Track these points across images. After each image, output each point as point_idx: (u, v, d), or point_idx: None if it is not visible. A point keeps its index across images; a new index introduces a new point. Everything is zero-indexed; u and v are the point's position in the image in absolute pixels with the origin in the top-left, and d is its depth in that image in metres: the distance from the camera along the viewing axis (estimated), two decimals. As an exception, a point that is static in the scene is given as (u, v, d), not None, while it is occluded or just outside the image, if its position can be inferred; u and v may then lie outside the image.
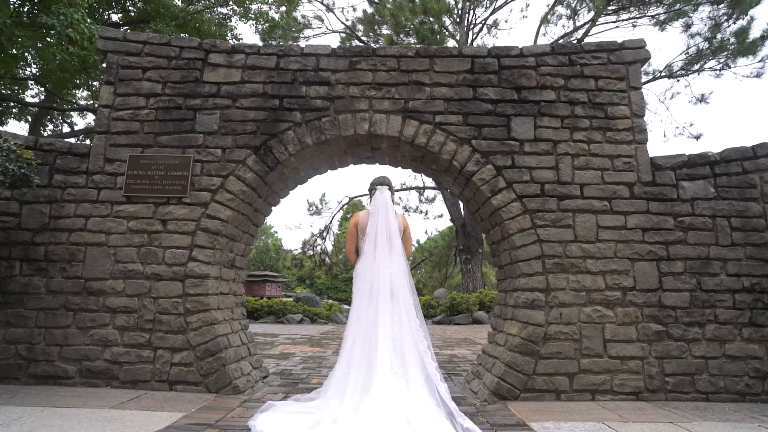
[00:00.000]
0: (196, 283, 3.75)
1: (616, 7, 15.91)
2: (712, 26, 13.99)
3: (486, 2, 18.06)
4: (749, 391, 3.60)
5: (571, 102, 4.10)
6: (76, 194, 3.95)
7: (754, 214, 3.93)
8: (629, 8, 15.87)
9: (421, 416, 2.64)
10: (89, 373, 3.64)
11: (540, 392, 3.58)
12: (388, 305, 3.23)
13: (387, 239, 3.43)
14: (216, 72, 4.19)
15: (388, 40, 15.12)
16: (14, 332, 3.71)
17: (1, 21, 6.01)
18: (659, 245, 3.85)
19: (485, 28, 18.85)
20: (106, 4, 9.68)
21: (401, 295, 3.30)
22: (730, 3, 13.08)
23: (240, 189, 3.93)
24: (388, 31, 16.84)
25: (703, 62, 15.15)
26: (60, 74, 8.82)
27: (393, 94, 4.10)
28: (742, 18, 13.80)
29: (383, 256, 3.36)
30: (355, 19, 19.38)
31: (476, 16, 18.57)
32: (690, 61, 15.25)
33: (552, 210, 3.87)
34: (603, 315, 3.71)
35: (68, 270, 3.81)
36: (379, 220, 3.47)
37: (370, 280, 3.35)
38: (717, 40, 14.28)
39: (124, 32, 4.35)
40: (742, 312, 3.75)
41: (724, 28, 14.29)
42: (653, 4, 15.38)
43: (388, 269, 3.34)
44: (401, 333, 3.14)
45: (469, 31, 18.45)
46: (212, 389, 3.59)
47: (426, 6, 12.42)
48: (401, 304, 3.26)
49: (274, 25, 12.20)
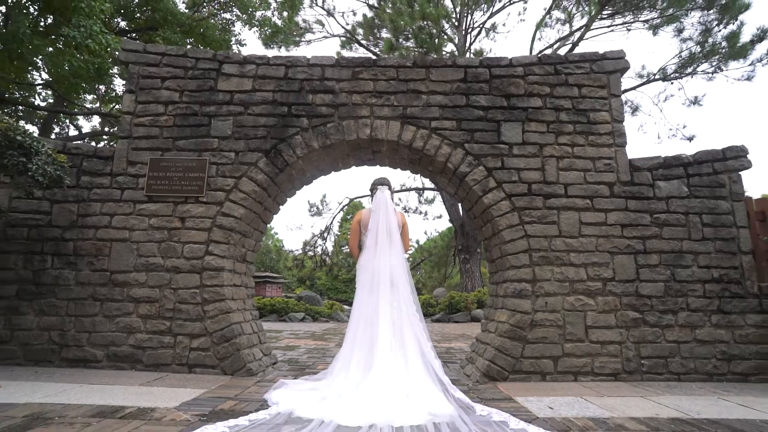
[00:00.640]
0: (212, 275, 4.11)
1: (610, 12, 16.26)
2: (702, 31, 14.36)
3: (484, 6, 18.41)
4: (716, 371, 3.95)
5: (556, 108, 4.46)
6: (101, 194, 4.31)
7: (723, 211, 4.28)
8: (624, 13, 16.24)
9: (418, 391, 2.97)
10: (116, 357, 3.99)
11: (527, 374, 3.92)
12: (388, 294, 3.56)
13: (387, 234, 3.77)
14: (229, 81, 4.54)
15: (388, 44, 15.47)
16: (47, 320, 4.06)
17: (21, 30, 6.42)
18: (636, 240, 4.21)
19: (483, 31, 19.21)
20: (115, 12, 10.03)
21: (400, 284, 3.63)
22: (719, 8, 13.44)
23: (252, 189, 4.28)
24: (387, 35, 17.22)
25: (696, 65, 15.49)
26: (72, 80, 9.18)
27: (392, 101, 4.45)
28: (732, 23, 14.16)
29: (384, 250, 3.70)
30: (355, 23, 19.73)
31: (474, 21, 18.94)
32: (683, 64, 15.59)
33: (538, 208, 4.23)
34: (585, 303, 4.06)
35: (95, 263, 4.16)
36: (380, 217, 3.81)
37: (372, 271, 3.68)
38: (709, 44, 14.63)
39: (144, 45, 4.71)
40: (711, 300, 4.10)
41: (714, 32, 14.65)
42: (646, 9, 15.73)
43: (388, 261, 3.67)
44: (400, 318, 3.48)
45: (467, 35, 18.80)
46: (228, 372, 3.94)
47: (424, 12, 12.79)
48: (400, 292, 3.59)
49: (276, 30, 12.57)
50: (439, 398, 2.88)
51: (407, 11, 14.40)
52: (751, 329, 4.04)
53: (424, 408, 2.64)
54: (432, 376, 3.20)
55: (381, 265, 3.65)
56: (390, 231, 3.79)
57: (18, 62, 8.15)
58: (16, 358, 3.98)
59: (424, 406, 2.67)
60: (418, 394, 2.92)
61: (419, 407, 2.64)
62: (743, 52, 14.45)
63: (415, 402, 2.81)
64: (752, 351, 3.99)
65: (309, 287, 38.57)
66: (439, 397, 2.90)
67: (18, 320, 4.05)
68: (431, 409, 2.63)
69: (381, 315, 3.45)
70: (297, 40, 19.17)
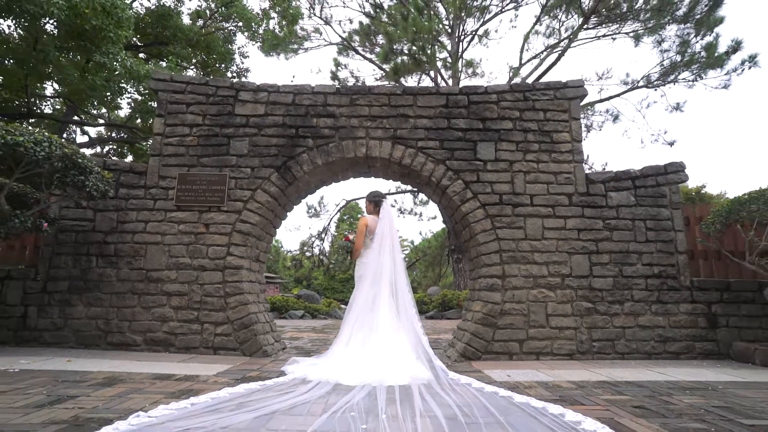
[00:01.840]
0: (232, 273, 4.87)
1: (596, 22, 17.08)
2: (680, 43, 15.21)
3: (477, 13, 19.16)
4: (654, 351, 4.75)
5: (524, 130, 5.24)
6: (137, 204, 5.06)
7: (664, 217, 5.08)
8: (608, 23, 17.07)
9: (406, 361, 3.72)
10: (152, 341, 4.74)
11: (497, 354, 4.71)
12: (389, 286, 4.29)
13: (390, 238, 4.51)
14: (245, 106, 5.30)
15: (383, 53, 16.21)
16: (94, 311, 4.81)
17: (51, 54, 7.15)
18: (591, 242, 5.00)
19: (476, 38, 19.98)
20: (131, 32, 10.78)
21: (399, 278, 4.36)
22: (695, 23, 14.28)
23: (266, 200, 5.05)
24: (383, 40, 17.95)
25: (677, 73, 16.33)
26: (90, 93, 9.90)
27: (384, 124, 5.23)
28: (709, 34, 15.01)
29: (387, 251, 4.44)
30: (351, 31, 20.45)
31: (465, 30, 19.72)
32: (665, 72, 16.42)
33: (508, 215, 5.01)
34: (546, 295, 4.85)
35: (133, 263, 4.92)
36: (385, 224, 4.55)
37: (375, 268, 4.40)
38: (689, 53, 15.46)
39: (171, 74, 5.46)
40: (652, 292, 4.90)
41: (693, 43, 15.49)
42: (629, 21, 16.57)
43: (391, 260, 4.40)
44: (398, 305, 4.22)
45: (460, 43, 19.59)
46: (247, 353, 4.70)
47: (417, 26, 13.56)
48: (399, 285, 4.32)
49: (277, 43, 13.31)
50: (421, 367, 3.65)
51: (401, 23, 15.17)
52: (683, 316, 4.84)
53: (409, 373, 3.41)
54: (417, 352, 3.95)
55: (384, 262, 4.37)
56: (392, 235, 4.54)
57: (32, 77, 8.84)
58: (69, 342, 4.73)
59: (408, 371, 3.44)
60: (405, 364, 3.68)
61: (405, 372, 3.41)
62: (720, 62, 15.28)
63: (402, 368, 3.55)
64: (683, 334, 4.80)
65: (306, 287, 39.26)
66: (421, 367, 3.66)
67: (70, 311, 4.81)
68: (414, 374, 3.40)
69: (382, 302, 4.18)
70: (295, 48, 19.90)
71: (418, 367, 3.62)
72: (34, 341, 4.75)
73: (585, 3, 16.59)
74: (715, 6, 13.71)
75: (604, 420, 2.34)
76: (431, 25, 14.42)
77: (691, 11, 14.06)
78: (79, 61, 8.29)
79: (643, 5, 15.88)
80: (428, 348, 3.91)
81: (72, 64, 8.34)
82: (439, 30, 15.57)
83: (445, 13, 18.82)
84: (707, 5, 13.79)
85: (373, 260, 4.43)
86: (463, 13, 18.70)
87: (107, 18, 6.77)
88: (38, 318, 4.81)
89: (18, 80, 9.48)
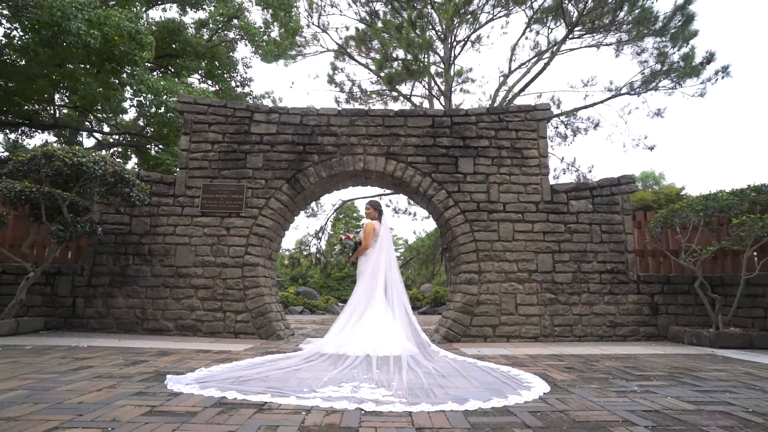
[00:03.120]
0: (250, 269, 5.73)
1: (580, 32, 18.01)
2: (658, 54, 16.18)
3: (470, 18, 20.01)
4: (605, 334, 5.66)
5: (499, 147, 6.13)
6: (167, 210, 5.90)
7: (616, 222, 5.99)
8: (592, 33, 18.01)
9: (397, 337, 4.59)
10: (182, 327, 5.60)
11: (473, 337, 5.60)
12: (384, 277, 5.16)
13: (388, 241, 5.38)
14: (259, 126, 6.16)
15: (378, 62, 17.08)
16: (132, 301, 5.66)
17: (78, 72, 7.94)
18: (554, 243, 5.90)
19: (469, 43, 20.85)
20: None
21: (393, 270, 5.23)
22: (671, 36, 15.25)
23: (278, 206, 5.91)
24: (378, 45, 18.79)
25: (658, 81, 17.31)
26: (105, 102, 10.70)
27: (379, 142, 6.10)
28: (685, 46, 16.00)
29: (386, 249, 5.30)
30: (347, 37, 21.30)
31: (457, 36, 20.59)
32: (646, 80, 17.39)
33: (484, 220, 5.90)
34: (516, 288, 5.74)
35: (165, 261, 5.76)
36: (384, 228, 5.43)
37: (373, 264, 5.26)
38: (668, 62, 16.44)
39: (194, 98, 6.31)
40: (604, 285, 5.81)
41: (670, 54, 16.47)
42: (611, 32, 17.53)
43: (387, 256, 5.27)
44: (392, 291, 5.08)
45: (452, 49, 20.48)
46: (263, 337, 5.56)
47: (410, 40, 14.43)
48: (393, 276, 5.19)
49: (278, 54, 14.15)
50: (410, 345, 4.52)
51: (395, 34, 16.05)
52: (631, 305, 5.76)
53: (399, 346, 4.29)
54: (408, 334, 4.82)
55: (382, 259, 5.24)
56: (388, 238, 5.42)
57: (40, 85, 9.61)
58: (111, 328, 5.58)
59: (399, 345, 4.32)
60: (397, 341, 4.54)
61: (397, 346, 4.29)
62: (696, 71, 16.27)
63: (394, 344, 4.41)
64: (630, 320, 5.72)
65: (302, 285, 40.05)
66: (409, 344, 4.53)
67: (111, 302, 5.65)
68: (404, 347, 4.28)
69: (379, 292, 5.04)
70: (294, 55, 20.73)
71: (408, 345, 4.49)
72: (82, 327, 5.60)
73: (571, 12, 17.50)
74: (687, 21, 14.67)
75: (538, 374, 3.23)
76: (424, 38, 15.29)
77: (665, 26, 15.02)
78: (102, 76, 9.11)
79: (624, 17, 16.84)
80: (417, 325, 4.80)
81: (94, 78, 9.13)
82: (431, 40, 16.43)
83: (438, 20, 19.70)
84: (680, 21, 14.74)
85: (373, 258, 5.30)
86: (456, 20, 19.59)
87: (132, 43, 7.59)
88: (85, 307, 5.65)
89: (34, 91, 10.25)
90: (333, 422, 1.97)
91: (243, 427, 1.86)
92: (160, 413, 2.05)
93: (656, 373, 3.32)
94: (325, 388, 2.63)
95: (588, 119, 17.47)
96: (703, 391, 2.69)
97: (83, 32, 6.71)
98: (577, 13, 17.10)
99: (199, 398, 2.34)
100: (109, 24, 7.06)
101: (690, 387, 2.81)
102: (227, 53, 14.46)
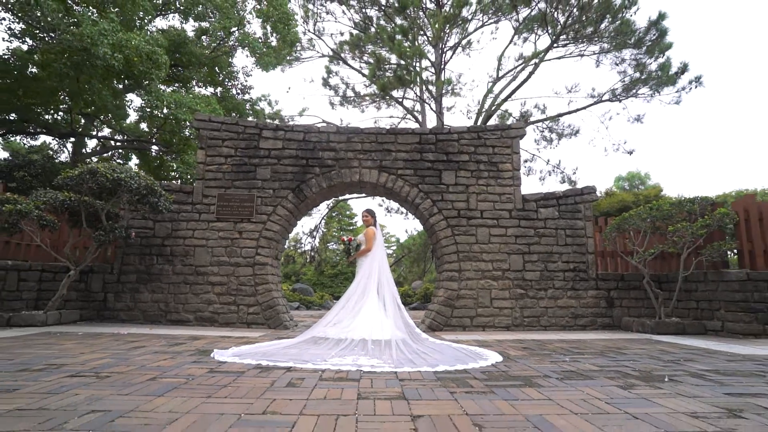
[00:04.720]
0: (260, 268, 6.56)
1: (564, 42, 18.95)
2: (636, 64, 17.18)
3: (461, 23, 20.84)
4: (568, 324, 6.58)
5: (477, 161, 7.01)
6: (186, 216, 6.71)
7: (579, 227, 6.90)
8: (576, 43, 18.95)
9: (388, 324, 5.46)
10: (201, 319, 6.42)
11: (454, 327, 6.48)
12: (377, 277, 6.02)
13: (382, 243, 6.24)
14: (267, 141, 6.98)
15: (372, 70, 17.89)
16: (156, 296, 6.47)
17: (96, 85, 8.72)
18: (524, 245, 6.79)
19: (459, 48, 21.72)
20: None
21: (385, 268, 6.08)
22: (647, 49, 16.24)
23: (284, 213, 6.74)
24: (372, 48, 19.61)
25: (637, 89, 18.31)
26: (117, 111, 11.44)
27: (373, 156, 6.95)
28: (661, 57, 17.01)
29: (379, 250, 6.16)
30: (342, 42, 22.08)
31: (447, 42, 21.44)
32: (626, 87, 18.38)
33: (463, 225, 6.78)
34: (491, 284, 6.63)
35: (185, 261, 6.58)
36: (379, 234, 6.27)
37: (369, 264, 6.11)
38: (646, 71, 17.44)
39: (209, 116, 7.11)
40: (568, 282, 6.72)
41: (648, 64, 17.48)
42: (594, 42, 18.49)
43: (380, 258, 6.12)
44: (383, 286, 5.94)
45: (443, 54, 21.35)
46: (272, 327, 6.41)
47: (401, 50, 15.28)
48: (384, 273, 6.05)
49: (277, 62, 14.94)
50: (399, 332, 5.39)
51: (388, 43, 16.87)
52: (590, 299, 6.68)
53: (390, 332, 5.15)
54: (398, 323, 5.69)
55: (376, 259, 6.10)
56: (382, 241, 6.27)
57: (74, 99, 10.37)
58: (139, 320, 6.39)
59: (390, 332, 5.18)
60: (388, 328, 5.41)
61: (387, 332, 5.15)
62: (672, 80, 17.30)
63: (385, 330, 5.28)
64: (589, 312, 6.64)
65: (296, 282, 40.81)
66: (399, 332, 5.41)
67: (138, 296, 6.46)
68: (394, 333, 5.15)
69: (373, 286, 5.91)
70: (290, 60, 21.49)
71: (397, 333, 5.36)
72: (112, 319, 6.40)
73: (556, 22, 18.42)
74: (662, 35, 15.67)
75: (499, 352, 4.11)
76: (415, 47, 16.13)
77: (641, 39, 16.00)
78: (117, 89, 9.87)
79: (606, 27, 17.81)
80: (408, 317, 5.66)
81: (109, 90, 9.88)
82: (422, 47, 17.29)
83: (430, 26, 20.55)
84: (656, 35, 15.74)
85: (368, 259, 6.15)
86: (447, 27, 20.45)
87: (149, 62, 8.36)
88: (115, 301, 6.46)
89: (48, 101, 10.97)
90: (341, 377, 2.83)
91: (279, 379, 2.71)
92: (219, 372, 2.89)
93: (590, 351, 4.21)
94: (333, 359, 3.50)
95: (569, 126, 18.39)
96: (615, 360, 3.59)
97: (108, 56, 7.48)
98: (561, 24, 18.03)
99: (241, 365, 3.19)
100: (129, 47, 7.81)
101: (609, 359, 3.70)
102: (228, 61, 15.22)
